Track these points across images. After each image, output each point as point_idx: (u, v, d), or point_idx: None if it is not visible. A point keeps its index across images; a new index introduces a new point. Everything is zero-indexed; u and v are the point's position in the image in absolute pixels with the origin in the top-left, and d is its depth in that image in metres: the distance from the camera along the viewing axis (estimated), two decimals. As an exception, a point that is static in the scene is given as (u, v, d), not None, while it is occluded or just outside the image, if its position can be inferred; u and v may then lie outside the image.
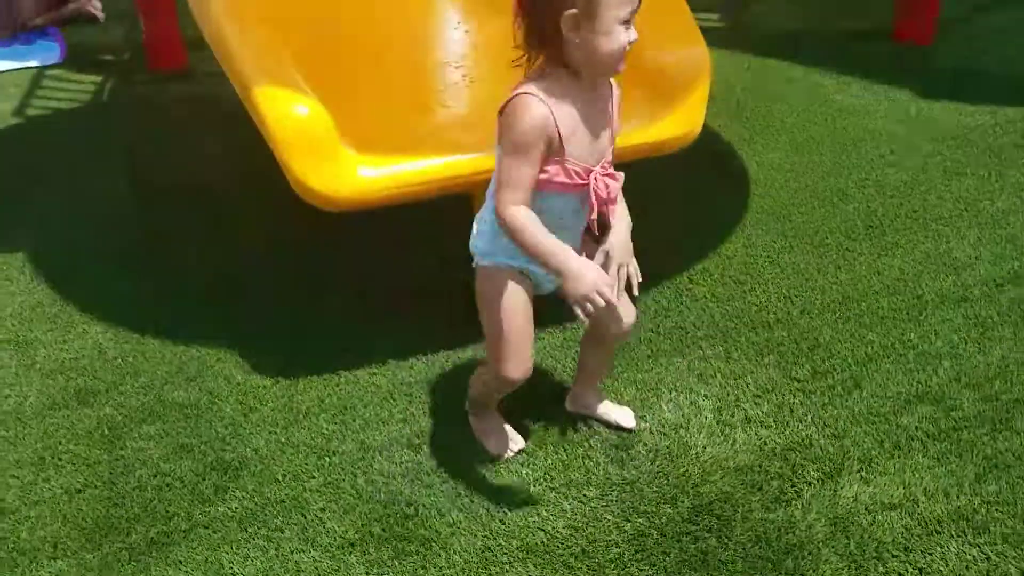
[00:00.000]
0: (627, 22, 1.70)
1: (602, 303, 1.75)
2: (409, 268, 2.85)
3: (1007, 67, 3.91)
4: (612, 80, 1.87)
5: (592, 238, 1.92)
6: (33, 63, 4.44)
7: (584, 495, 2.05)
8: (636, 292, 1.93)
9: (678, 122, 2.31)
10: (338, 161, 2.13)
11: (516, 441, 2.18)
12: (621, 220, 1.90)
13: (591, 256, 1.86)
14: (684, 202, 3.06)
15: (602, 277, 1.77)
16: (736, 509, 1.99)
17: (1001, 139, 3.37)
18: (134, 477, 2.14)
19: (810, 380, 2.33)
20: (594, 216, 1.86)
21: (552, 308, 2.09)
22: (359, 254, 2.92)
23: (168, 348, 2.53)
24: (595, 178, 1.82)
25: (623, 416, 2.22)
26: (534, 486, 2.07)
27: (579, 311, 1.77)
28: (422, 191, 2.21)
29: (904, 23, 4.12)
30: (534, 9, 1.72)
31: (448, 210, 2.80)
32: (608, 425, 2.22)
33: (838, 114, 3.59)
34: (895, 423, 2.19)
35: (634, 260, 1.92)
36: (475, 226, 1.97)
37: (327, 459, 2.17)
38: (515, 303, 1.94)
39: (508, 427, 2.19)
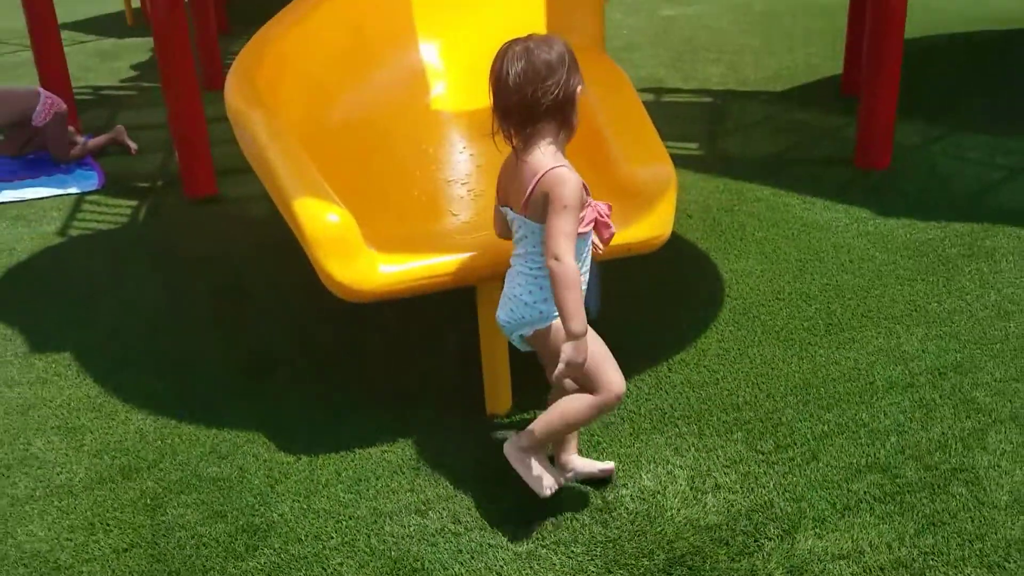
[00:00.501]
0: None
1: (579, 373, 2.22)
2: (419, 354, 3.17)
3: (956, 188, 4.29)
4: None
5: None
6: (73, 190, 4.77)
7: (572, 551, 2.32)
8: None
9: (648, 227, 2.67)
10: (362, 260, 2.48)
11: (559, 478, 2.41)
12: None
13: None
14: (665, 303, 3.40)
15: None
16: (705, 561, 2.26)
17: (949, 250, 3.73)
18: (174, 538, 2.42)
19: (773, 453, 2.63)
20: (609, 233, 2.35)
21: (532, 382, 2.40)
22: (373, 343, 3.25)
23: (203, 431, 2.83)
24: (596, 206, 2.31)
25: (603, 465, 2.51)
26: (526, 544, 2.34)
27: (566, 369, 2.20)
28: (434, 284, 2.55)
29: (864, 151, 4.56)
30: (560, 93, 2.22)
31: (455, 305, 3.15)
32: (592, 481, 2.50)
33: (803, 229, 3.96)
34: (847, 488, 2.47)
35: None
36: (523, 299, 2.34)
37: (344, 522, 2.44)
38: (594, 332, 2.33)
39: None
